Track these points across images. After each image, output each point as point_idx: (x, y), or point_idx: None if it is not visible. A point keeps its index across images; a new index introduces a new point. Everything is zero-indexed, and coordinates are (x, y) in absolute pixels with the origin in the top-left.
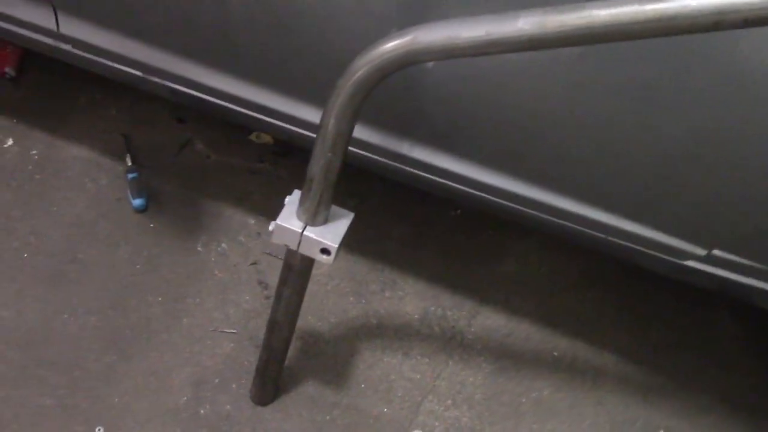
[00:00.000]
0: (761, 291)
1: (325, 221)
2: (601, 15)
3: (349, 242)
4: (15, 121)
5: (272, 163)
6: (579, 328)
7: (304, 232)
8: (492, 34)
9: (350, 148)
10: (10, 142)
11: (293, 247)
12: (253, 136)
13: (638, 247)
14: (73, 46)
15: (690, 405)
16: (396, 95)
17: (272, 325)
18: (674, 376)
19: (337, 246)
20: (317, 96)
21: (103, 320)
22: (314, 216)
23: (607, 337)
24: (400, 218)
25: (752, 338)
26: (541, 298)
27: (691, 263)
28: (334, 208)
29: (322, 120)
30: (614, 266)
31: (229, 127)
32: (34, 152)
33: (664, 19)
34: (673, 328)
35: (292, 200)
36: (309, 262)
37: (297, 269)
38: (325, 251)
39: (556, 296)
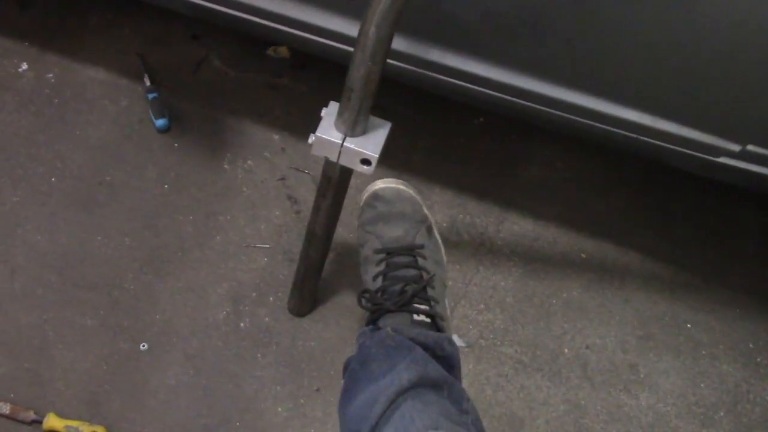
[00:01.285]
0: None
1: (364, 132)
2: None
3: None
4: (27, 44)
5: (291, 78)
6: (605, 230)
7: (344, 143)
8: None
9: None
10: (24, 66)
11: (333, 158)
12: (270, 51)
13: (671, 146)
14: None
15: (715, 300)
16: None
17: (310, 237)
18: (699, 272)
19: (377, 156)
20: (340, 3)
21: (136, 240)
22: (353, 127)
23: (633, 238)
24: (423, 129)
25: None
26: (567, 203)
27: (723, 159)
28: (371, 118)
29: (362, 27)
30: (637, 168)
31: (245, 42)
32: (50, 75)
33: None
34: (697, 225)
35: (329, 112)
36: (348, 174)
37: (336, 181)
38: (365, 161)
39: (582, 199)
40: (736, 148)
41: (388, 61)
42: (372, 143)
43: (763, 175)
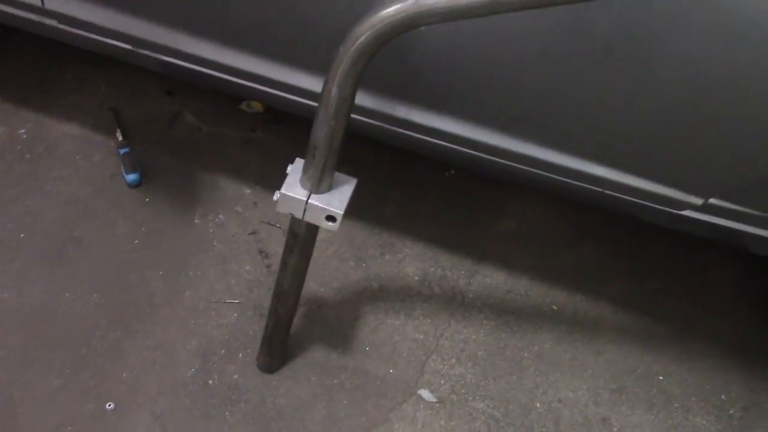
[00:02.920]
0: (755, 236)
1: (329, 188)
2: None
3: (346, 208)
4: (0, 100)
5: (264, 132)
6: (577, 282)
7: (309, 200)
8: None
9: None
10: None
11: (298, 215)
12: (243, 106)
13: (635, 200)
14: (59, 22)
15: (687, 351)
16: (390, 59)
17: (279, 293)
18: (671, 323)
19: (342, 212)
20: (311, 62)
21: (105, 297)
22: (318, 183)
23: (605, 289)
24: (395, 182)
25: (745, 282)
26: (539, 254)
27: (687, 213)
28: (337, 175)
29: (324, 87)
30: (610, 220)
31: (218, 97)
32: (23, 131)
33: None
34: (668, 276)
35: (295, 168)
36: (314, 230)
37: (302, 237)
38: (330, 218)
39: (553, 251)
40: (698, 201)
41: (355, 116)
42: (337, 200)
43: (726, 227)
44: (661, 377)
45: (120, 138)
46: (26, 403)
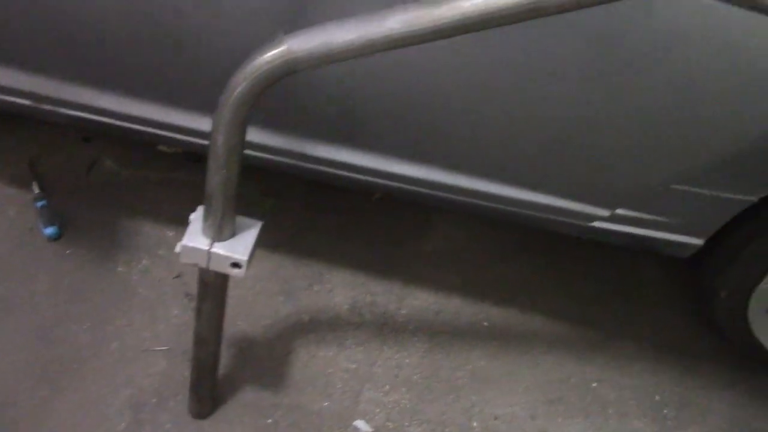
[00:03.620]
0: (665, 241)
1: (233, 234)
2: (467, 7)
3: (272, 241)
4: None
5: (186, 172)
6: (508, 296)
7: (212, 249)
8: (364, 36)
9: (252, 152)
10: None
11: (203, 265)
12: (162, 146)
13: (546, 215)
14: None
15: (620, 355)
16: (290, 95)
17: (198, 341)
18: (603, 329)
19: (246, 258)
20: (208, 105)
21: (31, 355)
22: (220, 231)
23: (537, 300)
24: (321, 210)
25: (673, 282)
26: (468, 271)
27: (597, 224)
28: (241, 219)
29: (211, 137)
30: (537, 231)
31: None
32: None
33: (529, 4)
34: (598, 282)
35: (197, 217)
36: (224, 277)
37: (213, 285)
38: (236, 265)
39: (483, 267)
40: (606, 213)
41: (262, 155)
42: (241, 246)
43: (636, 234)
44: (595, 384)
45: (36, 190)
46: None
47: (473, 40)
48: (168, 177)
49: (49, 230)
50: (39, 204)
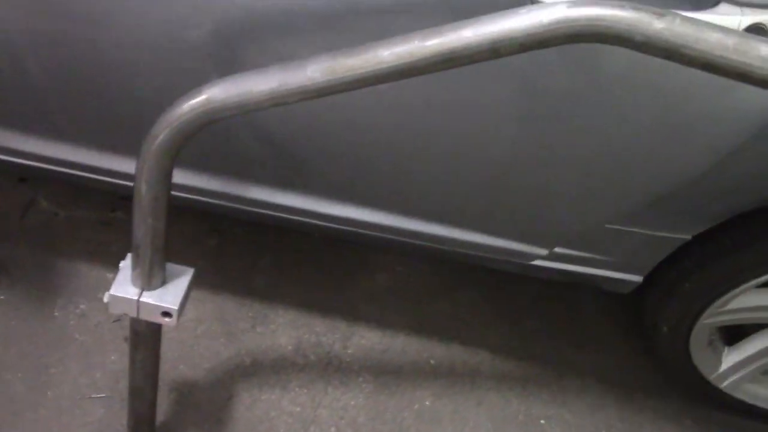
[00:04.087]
0: (604, 278)
1: (163, 282)
2: (385, 56)
3: (214, 281)
4: None
5: (125, 210)
6: (453, 332)
7: (141, 299)
8: (284, 86)
9: (184, 194)
10: None
11: (133, 314)
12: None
13: (485, 254)
14: None
15: (566, 390)
16: (221, 137)
17: (133, 391)
18: (549, 364)
19: (177, 308)
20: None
21: None
22: (149, 280)
23: (482, 336)
24: (264, 248)
25: (617, 316)
26: (413, 308)
27: (537, 262)
28: (172, 267)
29: (134, 186)
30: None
31: None
32: None
33: (445, 54)
34: (543, 316)
35: (126, 265)
36: (156, 325)
37: (145, 334)
38: (166, 314)
39: (428, 304)
40: (544, 252)
41: (193, 197)
42: (172, 294)
43: (575, 272)
44: (542, 421)
45: None
46: None
47: (407, 81)
48: (106, 217)
49: None
50: None
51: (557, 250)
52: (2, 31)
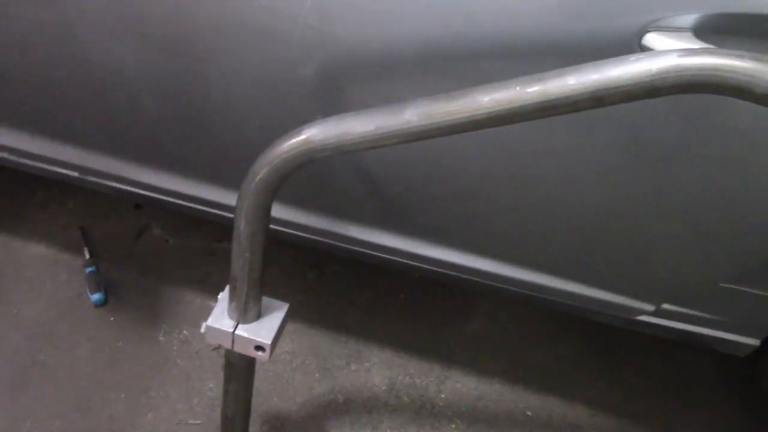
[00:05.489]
0: (716, 339)
1: (258, 316)
2: (485, 102)
3: (310, 316)
4: None
5: (230, 242)
6: (551, 383)
7: (236, 331)
8: (382, 128)
9: (283, 229)
10: None
11: (227, 346)
12: None
13: (589, 307)
14: (9, 153)
15: None
16: (322, 176)
17: (226, 421)
18: (653, 424)
19: (270, 342)
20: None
21: (66, 424)
22: (245, 313)
23: (581, 389)
24: (362, 285)
25: (729, 379)
26: (511, 356)
27: (643, 318)
28: (268, 301)
29: (234, 222)
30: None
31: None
32: None
33: (546, 101)
34: (648, 373)
35: (224, 297)
36: (250, 358)
37: (238, 366)
38: (259, 348)
39: (526, 352)
40: (651, 307)
41: (289, 231)
42: (266, 329)
43: (684, 330)
44: None
45: (87, 256)
46: None
47: (513, 127)
48: (213, 247)
49: (95, 296)
50: (88, 270)
51: (665, 306)
52: (120, 68)
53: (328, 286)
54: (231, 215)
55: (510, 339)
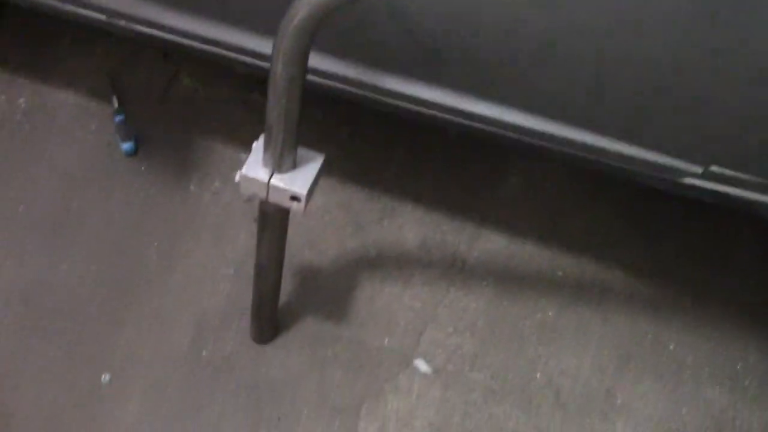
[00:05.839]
0: (763, 203)
1: (294, 166)
2: None
3: (344, 171)
4: None
5: (263, 93)
6: (585, 246)
7: (271, 181)
8: None
9: (319, 79)
10: None
11: (262, 196)
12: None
13: (633, 168)
14: None
15: (702, 318)
16: (362, 21)
17: (258, 270)
18: (686, 289)
19: (305, 193)
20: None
21: (102, 268)
22: (280, 163)
23: (616, 253)
24: (397, 142)
25: None
26: (545, 217)
27: (689, 180)
28: (303, 151)
29: (270, 66)
30: (623, 178)
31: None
32: (22, 100)
33: None
34: (686, 240)
35: (259, 147)
36: (284, 209)
37: (272, 216)
38: (295, 198)
39: (561, 214)
40: (699, 169)
41: (334, 84)
42: (301, 179)
43: (731, 195)
44: (671, 346)
45: (116, 105)
46: (26, 372)
47: None
48: (245, 97)
49: (126, 146)
50: (117, 118)
51: (713, 168)
52: None
53: (362, 142)
54: (264, 63)
55: (545, 200)
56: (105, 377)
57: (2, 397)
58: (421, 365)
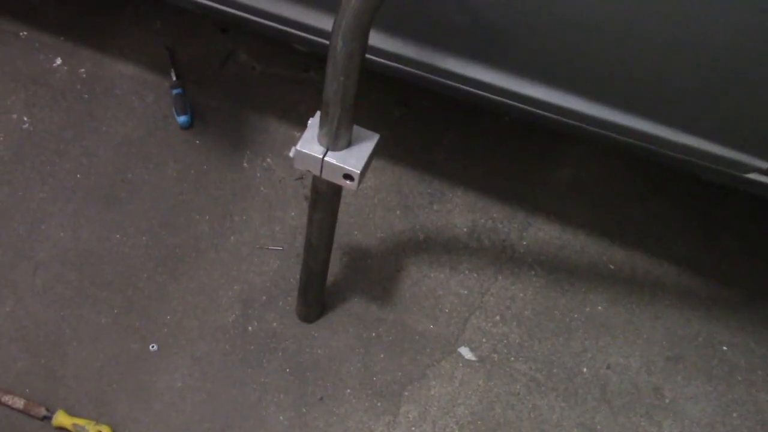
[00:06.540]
0: None
1: (348, 144)
2: None
3: (395, 153)
4: (62, 38)
5: (318, 72)
6: (639, 239)
7: (326, 158)
8: None
9: (377, 59)
10: (58, 61)
11: (316, 173)
12: (297, 45)
13: (696, 161)
14: None
15: (757, 320)
16: (422, 3)
17: (308, 248)
18: (742, 289)
19: (359, 171)
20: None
21: (153, 239)
22: (335, 140)
23: (670, 248)
24: (449, 125)
25: None
26: (599, 208)
27: (752, 176)
28: (358, 130)
29: (330, 42)
30: (683, 173)
31: None
32: (82, 70)
33: None
34: (743, 238)
35: (314, 123)
36: (336, 187)
37: (325, 193)
38: (348, 176)
39: (615, 205)
40: (764, 165)
41: (384, 61)
42: (355, 157)
43: None
44: (725, 347)
45: (174, 78)
46: (76, 339)
47: None
48: (300, 76)
49: (182, 119)
50: (174, 91)
51: None
52: None
53: (415, 123)
54: (323, 40)
55: (599, 191)
56: (153, 347)
57: (52, 363)
58: (466, 353)
